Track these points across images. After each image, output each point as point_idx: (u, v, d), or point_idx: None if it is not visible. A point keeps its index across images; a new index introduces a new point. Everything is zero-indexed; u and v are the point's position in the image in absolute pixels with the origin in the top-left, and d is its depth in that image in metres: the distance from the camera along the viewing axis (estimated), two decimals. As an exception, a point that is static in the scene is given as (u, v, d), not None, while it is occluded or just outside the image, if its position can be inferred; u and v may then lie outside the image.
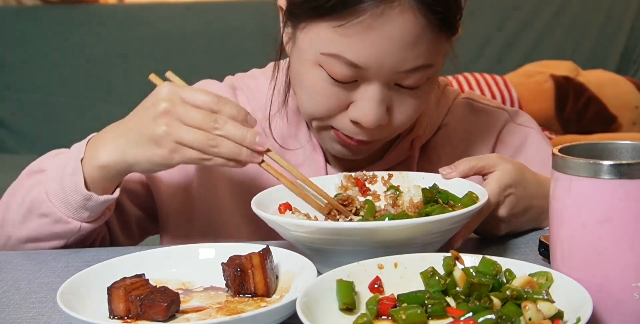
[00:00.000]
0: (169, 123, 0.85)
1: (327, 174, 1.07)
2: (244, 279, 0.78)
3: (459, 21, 0.93)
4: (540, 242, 0.87)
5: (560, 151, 0.69)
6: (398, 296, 0.69)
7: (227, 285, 0.80)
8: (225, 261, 0.79)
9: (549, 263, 0.73)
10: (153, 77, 0.93)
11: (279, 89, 1.07)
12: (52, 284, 0.88)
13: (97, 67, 3.19)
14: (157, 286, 0.76)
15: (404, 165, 1.09)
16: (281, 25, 1.00)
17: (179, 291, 0.78)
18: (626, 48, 3.31)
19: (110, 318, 0.74)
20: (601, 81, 3.06)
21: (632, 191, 0.64)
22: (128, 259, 0.84)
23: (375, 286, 0.72)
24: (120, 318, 0.74)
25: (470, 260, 0.72)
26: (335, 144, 1.00)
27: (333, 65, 0.91)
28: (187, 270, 0.84)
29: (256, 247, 0.81)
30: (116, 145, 0.90)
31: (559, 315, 0.62)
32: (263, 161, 0.87)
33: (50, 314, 0.80)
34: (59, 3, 3.29)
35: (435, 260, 0.73)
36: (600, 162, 0.64)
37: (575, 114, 2.99)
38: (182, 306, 0.76)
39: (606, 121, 3.00)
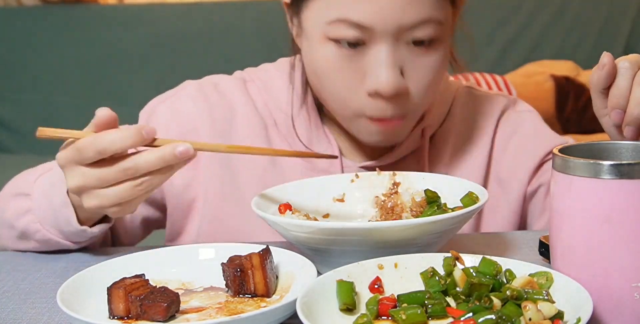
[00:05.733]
0: (92, 197, 0.80)
1: (342, 166, 1.07)
2: (244, 279, 0.78)
3: None
4: (540, 242, 0.87)
5: (560, 151, 0.69)
6: (398, 296, 0.69)
7: (227, 285, 0.80)
8: (225, 261, 0.79)
9: (549, 263, 0.73)
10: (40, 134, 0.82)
11: (298, 87, 1.07)
12: (52, 284, 0.88)
13: (97, 67, 3.19)
14: (157, 286, 0.76)
15: (415, 156, 1.09)
16: (288, 20, 1.02)
17: (179, 291, 0.78)
18: (626, 48, 3.31)
19: (110, 318, 0.74)
20: (601, 81, 3.06)
21: (632, 191, 0.64)
22: (128, 259, 0.84)
23: (375, 286, 0.72)
24: (120, 318, 0.74)
25: (470, 260, 0.72)
26: (372, 133, 1.00)
27: (340, 31, 0.92)
28: (187, 270, 0.84)
29: (256, 247, 0.81)
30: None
31: (559, 315, 0.62)
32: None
33: (50, 314, 0.80)
34: (59, 3, 3.29)
35: (435, 260, 0.73)
36: (600, 162, 0.64)
37: (575, 114, 2.99)
38: (182, 307, 0.76)
39: (606, 121, 3.00)
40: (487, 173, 1.11)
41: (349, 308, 0.69)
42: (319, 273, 0.75)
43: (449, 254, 0.73)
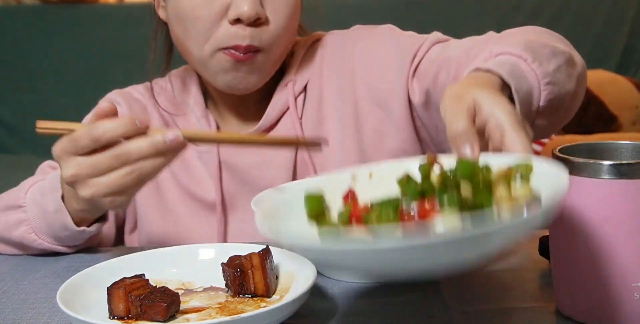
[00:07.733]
0: (87, 186, 0.81)
1: (217, 145, 1.11)
2: (244, 279, 0.78)
3: None
4: (540, 242, 0.87)
5: (560, 151, 0.69)
6: (371, 203, 0.62)
7: (227, 285, 0.80)
8: (225, 261, 0.79)
9: (549, 262, 0.73)
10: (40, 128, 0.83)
11: (160, 54, 1.19)
12: (52, 284, 0.88)
13: (97, 67, 3.19)
14: (157, 286, 0.76)
15: (288, 116, 1.11)
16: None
17: (179, 291, 0.78)
18: (626, 48, 3.31)
19: (110, 318, 0.74)
20: (601, 81, 3.06)
21: (632, 191, 0.64)
22: (128, 259, 0.84)
23: (349, 198, 0.66)
24: (120, 318, 0.74)
25: (449, 163, 0.63)
26: (226, 70, 1.03)
27: None
28: (187, 270, 0.84)
29: (256, 247, 0.81)
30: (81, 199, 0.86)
31: (533, 197, 0.56)
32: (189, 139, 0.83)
33: (50, 314, 0.80)
34: (59, 3, 3.29)
35: (412, 166, 0.66)
36: (600, 162, 0.64)
37: (575, 114, 2.98)
38: (182, 307, 0.76)
39: (606, 121, 3.00)
40: (357, 113, 1.11)
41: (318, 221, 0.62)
42: (319, 273, 0.75)
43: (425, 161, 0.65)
